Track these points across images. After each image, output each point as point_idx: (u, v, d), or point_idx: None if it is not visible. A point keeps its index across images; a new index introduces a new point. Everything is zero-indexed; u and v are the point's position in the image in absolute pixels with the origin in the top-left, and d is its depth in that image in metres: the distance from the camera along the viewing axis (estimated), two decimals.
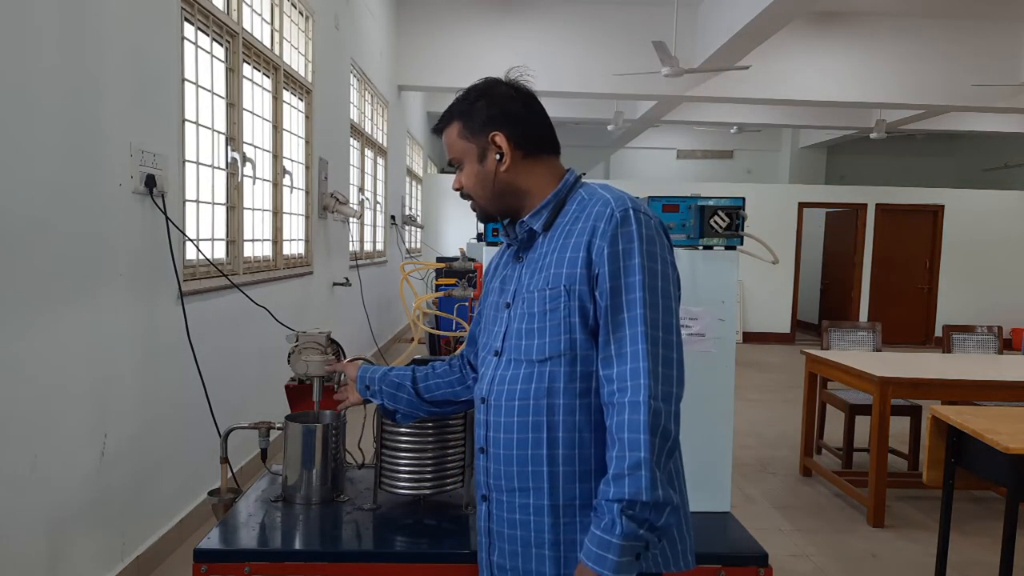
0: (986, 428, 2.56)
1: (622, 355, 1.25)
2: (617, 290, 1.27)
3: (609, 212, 1.30)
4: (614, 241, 1.28)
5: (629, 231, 1.28)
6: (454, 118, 1.43)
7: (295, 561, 1.62)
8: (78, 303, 2.49)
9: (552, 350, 1.32)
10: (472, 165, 1.42)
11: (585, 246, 1.30)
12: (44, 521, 2.34)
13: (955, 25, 8.71)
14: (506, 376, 1.37)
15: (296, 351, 2.03)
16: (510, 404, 1.35)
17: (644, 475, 1.18)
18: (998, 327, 5.14)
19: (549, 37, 8.79)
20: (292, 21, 5.04)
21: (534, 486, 1.32)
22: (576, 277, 1.30)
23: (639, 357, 1.23)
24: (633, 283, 1.26)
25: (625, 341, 1.25)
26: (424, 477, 1.81)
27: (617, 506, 1.18)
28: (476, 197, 1.44)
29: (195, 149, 3.47)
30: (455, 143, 1.43)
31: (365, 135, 7.42)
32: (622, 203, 1.31)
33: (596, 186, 1.43)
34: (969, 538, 3.68)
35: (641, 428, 1.20)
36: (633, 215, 1.30)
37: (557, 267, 1.33)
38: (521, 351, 1.36)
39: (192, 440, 3.28)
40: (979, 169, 14.57)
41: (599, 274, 1.28)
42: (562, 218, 1.39)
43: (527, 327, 1.35)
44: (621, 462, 1.20)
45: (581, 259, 1.30)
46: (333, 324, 5.33)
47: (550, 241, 1.38)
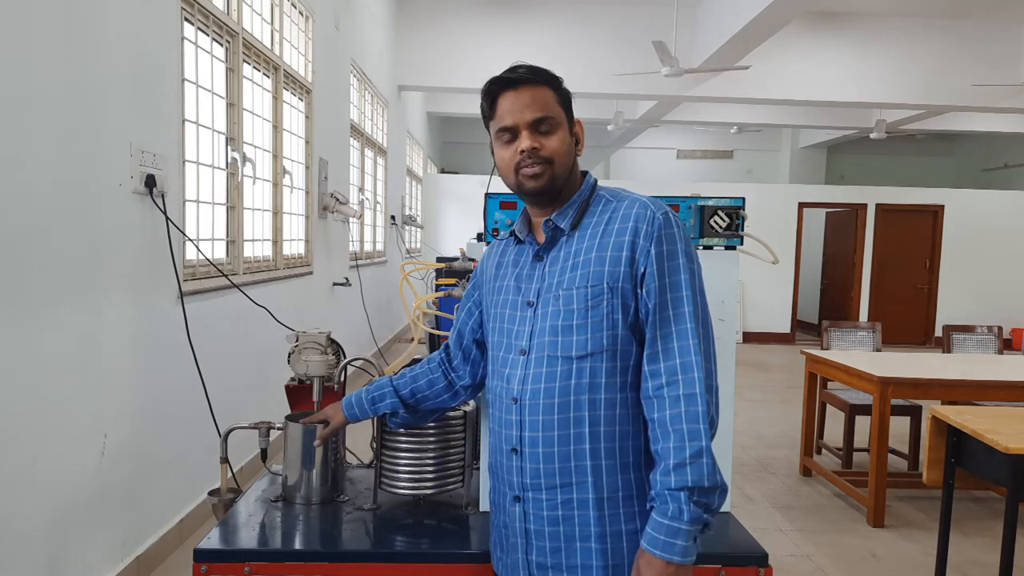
0: (986, 428, 2.56)
1: (670, 350, 1.30)
2: (664, 288, 1.32)
3: (651, 215, 1.35)
4: (660, 242, 1.33)
5: (672, 233, 1.35)
6: (549, 83, 1.42)
7: (295, 561, 1.62)
8: (78, 303, 2.49)
9: (594, 346, 1.34)
10: (565, 133, 1.40)
11: (628, 245, 1.34)
12: (44, 521, 2.34)
13: (955, 25, 8.71)
14: (540, 375, 1.37)
15: (296, 351, 2.03)
16: (548, 402, 1.35)
17: (706, 462, 1.24)
18: (998, 327, 5.14)
19: (549, 37, 8.79)
20: (292, 21, 5.04)
21: (577, 481, 1.34)
22: (619, 275, 1.33)
23: (690, 351, 1.29)
24: (679, 282, 1.32)
25: (673, 337, 1.31)
26: (424, 477, 1.81)
27: (684, 494, 1.23)
28: (558, 164, 1.39)
29: (195, 149, 3.47)
30: (553, 104, 1.40)
31: (365, 135, 7.42)
32: (659, 206, 1.38)
33: (615, 188, 1.48)
34: (969, 538, 3.68)
35: (700, 418, 1.26)
36: (672, 217, 1.37)
37: (597, 265, 1.35)
38: (557, 348, 1.36)
39: (192, 440, 3.28)
40: (979, 169, 14.58)
41: (645, 272, 1.33)
42: (589, 217, 1.41)
43: (564, 324, 1.36)
44: (681, 452, 1.25)
45: (624, 258, 1.34)
46: (333, 324, 5.33)
47: (580, 240, 1.39)
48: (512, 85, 1.39)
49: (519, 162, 1.38)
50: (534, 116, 1.37)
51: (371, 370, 2.13)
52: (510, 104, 1.38)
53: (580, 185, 1.46)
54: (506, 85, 1.39)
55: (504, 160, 1.41)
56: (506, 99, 1.39)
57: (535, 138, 1.37)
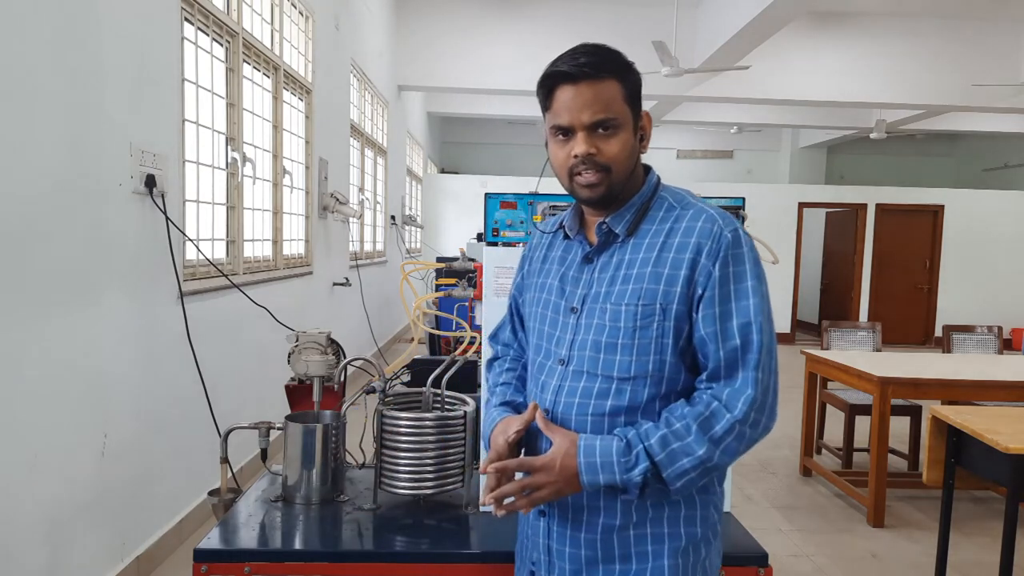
0: (986, 428, 2.56)
1: (732, 378, 1.20)
2: (729, 314, 1.20)
3: (717, 231, 1.21)
4: (725, 263, 1.20)
5: (740, 253, 1.21)
6: (616, 74, 1.24)
7: (295, 561, 1.62)
8: (78, 303, 2.49)
9: (638, 369, 1.23)
10: (629, 135, 1.25)
11: (688, 264, 1.21)
12: (44, 521, 2.34)
13: (955, 25, 8.71)
14: (576, 388, 1.27)
15: (296, 351, 2.03)
16: (581, 419, 1.26)
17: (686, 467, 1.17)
18: (998, 327, 5.14)
19: (549, 37, 8.78)
20: (292, 21, 5.04)
21: (605, 505, 1.26)
22: (675, 296, 1.21)
23: (749, 383, 1.19)
24: (747, 307, 1.20)
25: (738, 367, 1.20)
26: (424, 477, 1.80)
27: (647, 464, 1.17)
28: (617, 171, 1.25)
29: (195, 149, 3.47)
30: (616, 102, 1.23)
31: (365, 135, 7.42)
32: (730, 221, 1.23)
33: (680, 191, 1.33)
34: (969, 538, 3.68)
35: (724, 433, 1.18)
36: (743, 235, 1.23)
37: (652, 282, 1.23)
38: (598, 366, 1.25)
39: (192, 440, 3.28)
40: (979, 169, 14.57)
41: (704, 296, 1.20)
42: (648, 223, 1.28)
43: (608, 341, 1.24)
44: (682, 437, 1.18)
45: (682, 277, 1.21)
46: (333, 324, 5.33)
47: (636, 249, 1.26)
48: (572, 79, 1.22)
49: (573, 167, 1.25)
50: (592, 118, 1.22)
51: (371, 370, 2.13)
52: (568, 100, 1.22)
53: (642, 184, 1.31)
54: (564, 79, 1.23)
55: (558, 160, 1.27)
56: (564, 92, 1.23)
57: (592, 141, 1.22)
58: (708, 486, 1.28)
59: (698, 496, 1.27)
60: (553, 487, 1.22)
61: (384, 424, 1.82)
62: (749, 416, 1.18)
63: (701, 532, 1.28)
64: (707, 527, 1.29)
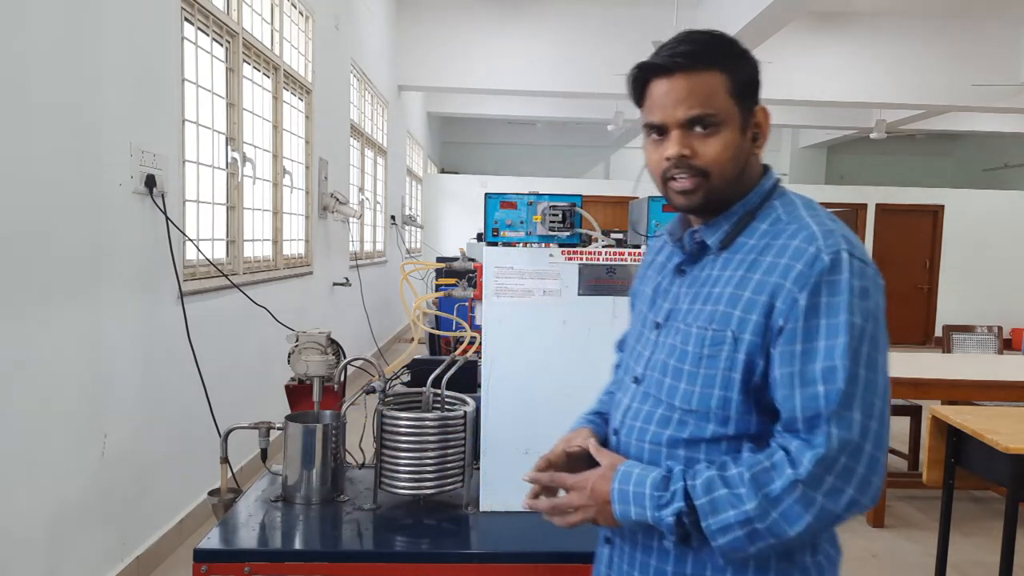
0: (986, 428, 2.56)
1: (808, 431, 1.00)
2: (812, 355, 1.00)
3: (813, 252, 1.02)
4: (815, 291, 1.00)
5: (838, 281, 1.00)
6: (718, 65, 1.07)
7: (295, 561, 1.62)
8: (78, 303, 2.49)
9: (700, 403, 1.07)
10: (734, 134, 1.08)
11: (771, 289, 1.03)
12: (44, 521, 2.34)
13: (955, 25, 8.71)
14: (641, 412, 1.15)
15: (296, 351, 2.03)
16: (640, 445, 1.14)
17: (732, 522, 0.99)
18: (998, 327, 5.14)
19: (549, 37, 8.79)
20: (292, 21, 5.04)
21: (658, 545, 1.12)
22: (749, 325, 1.04)
23: (823, 439, 0.98)
24: (834, 347, 0.99)
25: (815, 419, 0.99)
26: (424, 477, 1.80)
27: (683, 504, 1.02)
28: (717, 175, 1.08)
29: (195, 149, 3.47)
30: (718, 96, 1.06)
31: (365, 135, 7.42)
32: (833, 243, 1.02)
33: (797, 200, 1.12)
34: (969, 538, 3.68)
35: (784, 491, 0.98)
36: (847, 260, 1.01)
37: (728, 305, 1.06)
38: (663, 390, 1.12)
39: (192, 440, 3.28)
40: (979, 169, 14.57)
41: (784, 329, 1.01)
42: (747, 237, 1.10)
43: (675, 365, 1.10)
44: (737, 483, 1.00)
45: (762, 304, 1.03)
46: (333, 324, 5.33)
47: (725, 265, 1.10)
48: (666, 72, 1.07)
49: (666, 171, 1.10)
50: (688, 114, 1.06)
51: (371, 370, 2.13)
52: (662, 94, 1.08)
53: (750, 188, 1.12)
54: (658, 71, 1.08)
55: (652, 163, 1.13)
56: (658, 86, 1.08)
57: (687, 142, 1.07)
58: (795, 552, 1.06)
59: (775, 563, 1.06)
60: (584, 512, 1.10)
61: (384, 424, 1.82)
62: (818, 479, 0.97)
63: None
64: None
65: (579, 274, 1.83)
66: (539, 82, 8.90)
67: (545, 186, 10.93)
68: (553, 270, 1.82)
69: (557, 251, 1.82)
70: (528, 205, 1.90)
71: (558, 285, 1.82)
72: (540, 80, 8.88)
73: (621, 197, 11.20)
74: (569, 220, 1.88)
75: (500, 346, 1.83)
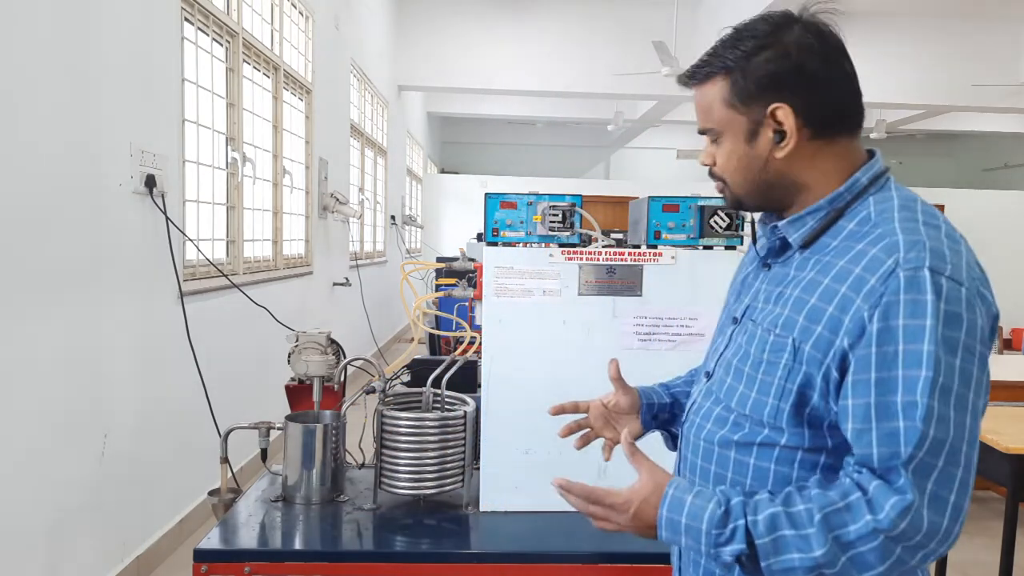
0: (986, 428, 2.55)
1: (887, 472, 0.89)
2: (889, 385, 0.88)
3: (891, 266, 0.90)
4: (887, 313, 0.89)
5: (919, 302, 0.88)
6: (719, 71, 1.02)
7: (295, 561, 1.62)
8: (78, 303, 2.49)
9: (754, 410, 1.01)
10: (735, 143, 1.03)
11: (840, 301, 0.93)
12: (44, 521, 2.34)
13: (955, 25, 8.71)
14: (703, 408, 1.11)
15: (296, 351, 2.03)
16: (697, 443, 1.10)
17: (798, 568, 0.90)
18: (998, 327, 5.14)
19: (549, 37, 8.79)
20: (292, 21, 5.04)
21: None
22: (812, 336, 0.94)
23: (908, 488, 0.87)
24: (915, 381, 0.87)
25: (892, 461, 0.88)
26: (424, 477, 1.80)
27: (742, 546, 0.92)
28: (732, 183, 1.06)
29: (195, 149, 3.47)
30: (714, 108, 1.03)
31: (365, 135, 7.42)
32: (916, 255, 0.90)
33: (896, 198, 1.00)
34: (969, 538, 3.68)
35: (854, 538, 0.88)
36: (930, 278, 0.88)
37: (795, 310, 0.98)
38: (724, 390, 1.07)
39: (192, 440, 3.28)
40: (979, 169, 14.58)
41: (851, 348, 0.91)
42: (832, 236, 1.00)
43: (738, 366, 1.05)
44: (806, 522, 0.90)
45: (830, 317, 0.93)
46: (333, 324, 5.32)
47: (803, 266, 1.02)
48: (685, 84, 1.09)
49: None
50: (700, 128, 1.08)
51: (371, 370, 2.13)
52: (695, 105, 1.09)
53: (841, 184, 1.01)
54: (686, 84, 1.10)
55: None
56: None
57: (709, 151, 1.08)
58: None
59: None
60: (621, 528, 1.03)
61: (384, 424, 1.82)
62: (900, 529, 0.87)
63: None
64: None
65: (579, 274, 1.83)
66: (539, 82, 8.90)
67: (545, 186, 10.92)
68: (553, 270, 1.82)
69: (557, 251, 1.82)
70: (528, 205, 1.90)
71: (558, 285, 1.82)
72: (540, 80, 8.88)
73: (621, 197, 11.19)
74: (569, 220, 1.88)
75: (500, 346, 1.83)
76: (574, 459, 1.85)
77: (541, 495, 1.84)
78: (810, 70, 0.98)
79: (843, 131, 1.02)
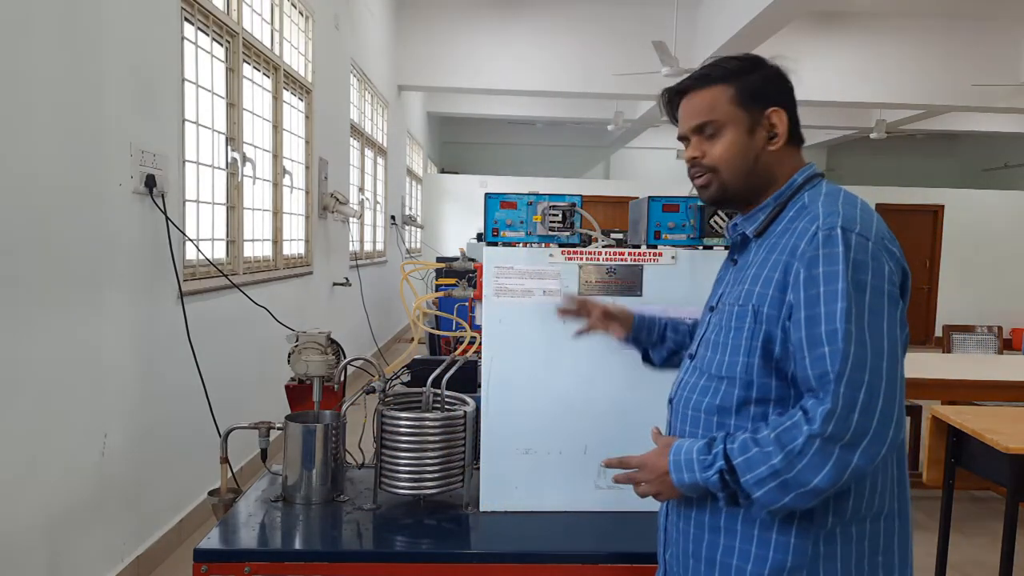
0: (986, 428, 2.56)
1: (820, 389, 1.11)
2: (815, 320, 1.12)
3: (814, 230, 1.16)
4: (813, 263, 1.14)
5: (833, 253, 1.13)
6: (722, 80, 1.27)
7: (295, 561, 1.62)
8: (78, 303, 2.49)
9: (728, 370, 1.24)
10: (738, 134, 1.26)
11: (782, 266, 1.19)
12: (44, 521, 2.34)
13: (955, 25, 8.71)
14: (689, 383, 1.33)
15: (296, 351, 2.03)
16: (686, 413, 1.32)
17: (762, 476, 1.12)
18: (998, 327, 5.14)
19: (549, 37, 8.79)
20: (292, 21, 5.04)
21: (697, 504, 1.28)
22: (766, 299, 1.20)
23: (828, 397, 1.09)
24: (834, 312, 1.10)
25: (823, 378, 1.11)
26: (424, 477, 1.81)
27: (723, 463, 1.16)
28: (725, 170, 1.27)
29: (195, 149, 3.47)
30: (718, 105, 1.26)
31: (365, 135, 7.42)
32: (831, 220, 1.16)
33: (825, 190, 1.26)
34: (969, 538, 3.68)
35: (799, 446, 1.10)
36: (841, 235, 1.13)
37: (752, 283, 1.24)
38: (705, 362, 1.30)
39: (192, 440, 3.28)
40: (979, 169, 14.58)
41: (793, 301, 1.16)
42: (776, 225, 1.27)
43: (715, 339, 1.29)
44: (763, 448, 1.13)
45: (776, 280, 1.19)
46: (333, 324, 5.32)
47: (759, 250, 1.27)
48: (683, 93, 1.32)
49: (688, 171, 1.33)
50: (692, 124, 1.29)
51: (371, 370, 2.13)
52: (681, 112, 1.32)
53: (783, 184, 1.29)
54: (678, 95, 1.33)
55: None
56: (682, 107, 1.32)
57: (699, 146, 1.29)
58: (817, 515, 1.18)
59: (797, 522, 1.18)
60: (650, 486, 1.26)
61: (384, 424, 1.82)
62: (828, 432, 1.08)
63: (792, 561, 1.19)
64: (800, 558, 1.18)
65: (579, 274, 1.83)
66: (539, 82, 8.90)
67: (545, 186, 10.93)
68: (553, 270, 1.82)
69: (557, 251, 1.82)
70: (528, 205, 1.90)
71: (558, 285, 1.82)
72: (540, 80, 8.87)
73: (621, 197, 11.20)
74: (569, 220, 1.88)
75: (500, 346, 1.83)
76: (574, 459, 1.85)
77: (541, 495, 1.84)
78: (789, 88, 1.31)
79: (800, 142, 1.33)
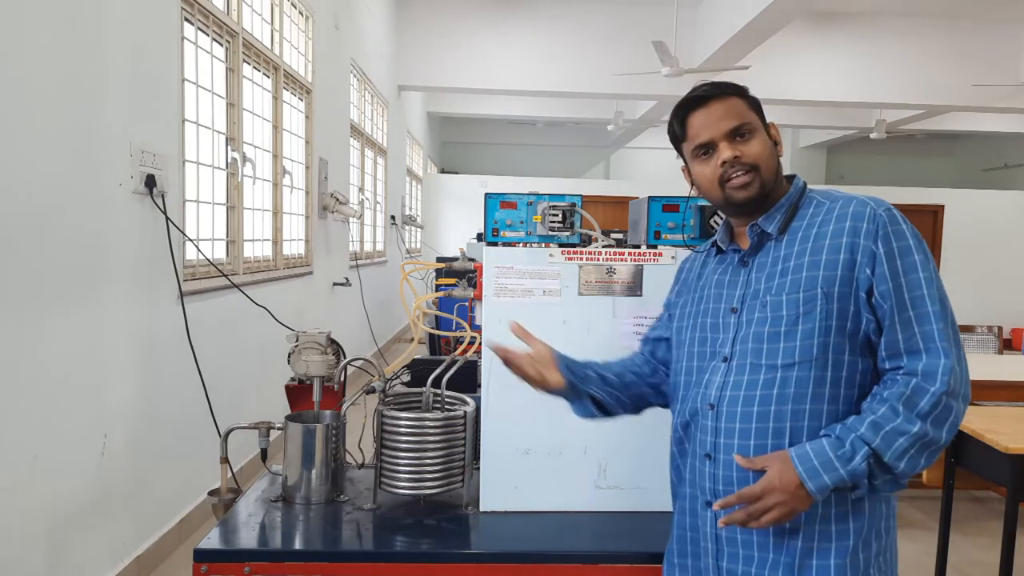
0: (986, 428, 2.56)
1: (919, 352, 1.23)
2: (902, 288, 1.24)
3: (871, 212, 1.28)
4: (887, 239, 1.26)
5: (901, 229, 1.28)
6: (736, 93, 1.38)
7: (295, 561, 1.62)
8: (78, 303, 2.49)
9: (802, 355, 1.28)
10: (765, 139, 1.37)
11: (847, 247, 1.28)
12: (44, 521, 2.34)
13: (955, 25, 8.71)
14: (740, 382, 1.33)
15: (296, 351, 2.03)
16: (747, 411, 1.31)
17: (903, 444, 1.20)
18: (998, 327, 5.15)
19: (549, 37, 8.79)
20: (292, 21, 5.04)
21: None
22: (835, 279, 1.28)
23: (941, 354, 1.22)
24: (918, 280, 1.25)
25: (922, 340, 1.23)
26: (424, 477, 1.80)
27: (866, 449, 1.21)
28: (764, 170, 1.36)
29: (195, 149, 3.47)
30: (746, 113, 1.37)
31: (365, 135, 7.42)
32: (880, 202, 1.31)
33: (827, 189, 1.42)
34: (969, 538, 3.68)
35: (927, 404, 1.20)
36: (899, 214, 1.29)
37: (811, 270, 1.29)
38: (762, 356, 1.32)
39: (192, 440, 3.28)
40: (979, 169, 14.58)
41: (874, 275, 1.26)
42: (799, 221, 1.36)
43: (771, 331, 1.31)
44: (889, 419, 1.21)
45: (842, 261, 1.28)
46: (333, 324, 5.33)
47: (790, 245, 1.34)
48: (701, 103, 1.37)
49: (723, 174, 1.35)
50: (730, 125, 1.35)
51: (371, 370, 2.13)
52: (703, 120, 1.36)
53: (788, 189, 1.41)
54: (695, 104, 1.38)
55: (706, 176, 1.38)
56: (697, 117, 1.37)
57: (735, 147, 1.35)
58: None
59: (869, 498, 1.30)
60: (781, 508, 1.24)
61: (384, 424, 1.82)
62: (951, 387, 1.21)
63: (868, 526, 1.32)
64: (876, 520, 1.34)
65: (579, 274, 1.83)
66: (539, 82, 8.90)
67: (545, 186, 10.92)
68: (553, 270, 1.82)
69: (557, 251, 1.82)
70: (528, 205, 1.90)
71: (558, 285, 1.82)
72: (540, 80, 8.88)
73: (621, 197, 11.20)
74: (569, 220, 1.88)
75: None
76: (574, 459, 1.85)
77: (541, 495, 1.84)
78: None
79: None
